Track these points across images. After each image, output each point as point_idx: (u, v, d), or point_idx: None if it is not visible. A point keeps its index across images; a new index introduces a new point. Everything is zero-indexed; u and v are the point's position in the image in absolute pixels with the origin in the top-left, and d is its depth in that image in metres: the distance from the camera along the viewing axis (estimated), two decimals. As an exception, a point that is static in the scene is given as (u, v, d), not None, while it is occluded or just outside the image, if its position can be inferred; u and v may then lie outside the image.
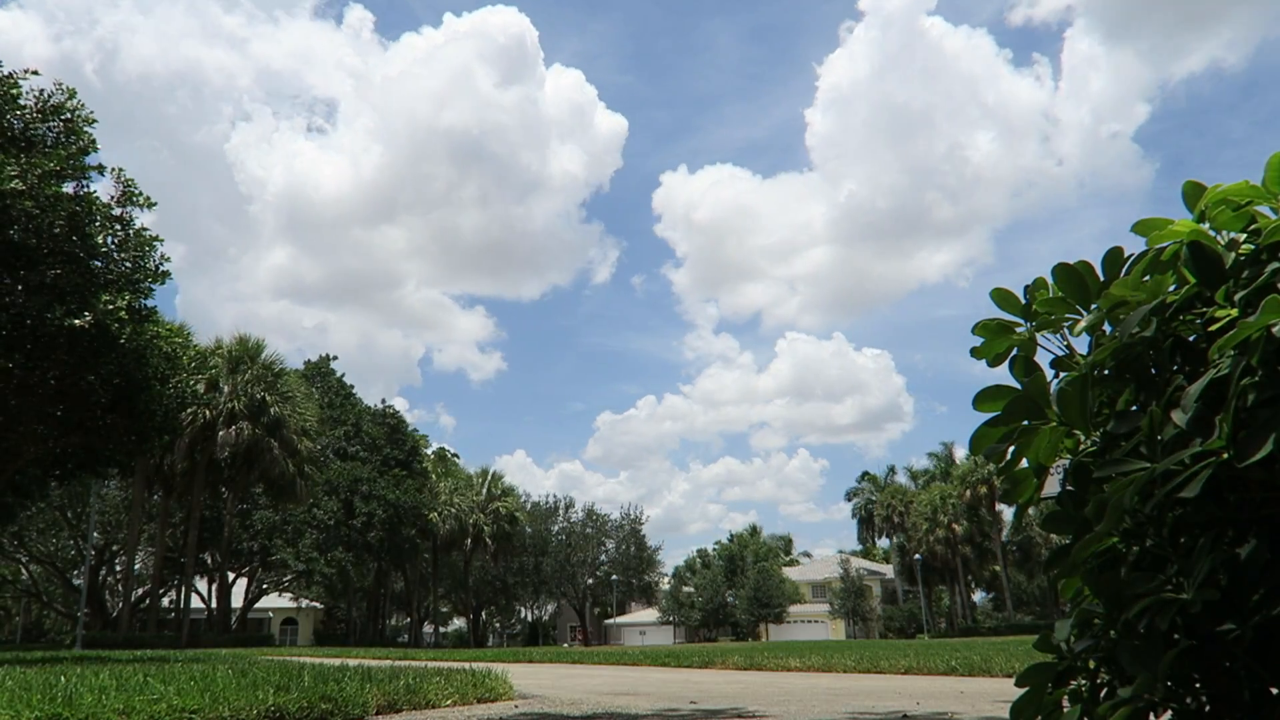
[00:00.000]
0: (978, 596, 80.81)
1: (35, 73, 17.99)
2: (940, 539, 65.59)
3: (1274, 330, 1.02)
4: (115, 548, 51.44)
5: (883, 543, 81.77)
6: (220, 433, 39.56)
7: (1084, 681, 1.28)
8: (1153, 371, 1.26)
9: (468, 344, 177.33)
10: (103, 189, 18.80)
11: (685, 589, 72.29)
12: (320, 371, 59.94)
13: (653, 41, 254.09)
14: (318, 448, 47.48)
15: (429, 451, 64.60)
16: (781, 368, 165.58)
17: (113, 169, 18.59)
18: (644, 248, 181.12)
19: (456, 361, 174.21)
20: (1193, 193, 1.31)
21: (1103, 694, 1.25)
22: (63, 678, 7.23)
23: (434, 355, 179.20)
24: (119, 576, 51.78)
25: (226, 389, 40.67)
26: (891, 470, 77.52)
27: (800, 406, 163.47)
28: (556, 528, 69.73)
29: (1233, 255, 1.20)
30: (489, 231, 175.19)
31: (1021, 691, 1.34)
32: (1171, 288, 1.26)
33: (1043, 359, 1.45)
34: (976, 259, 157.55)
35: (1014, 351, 1.47)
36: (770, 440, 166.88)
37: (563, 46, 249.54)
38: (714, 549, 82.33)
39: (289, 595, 61.09)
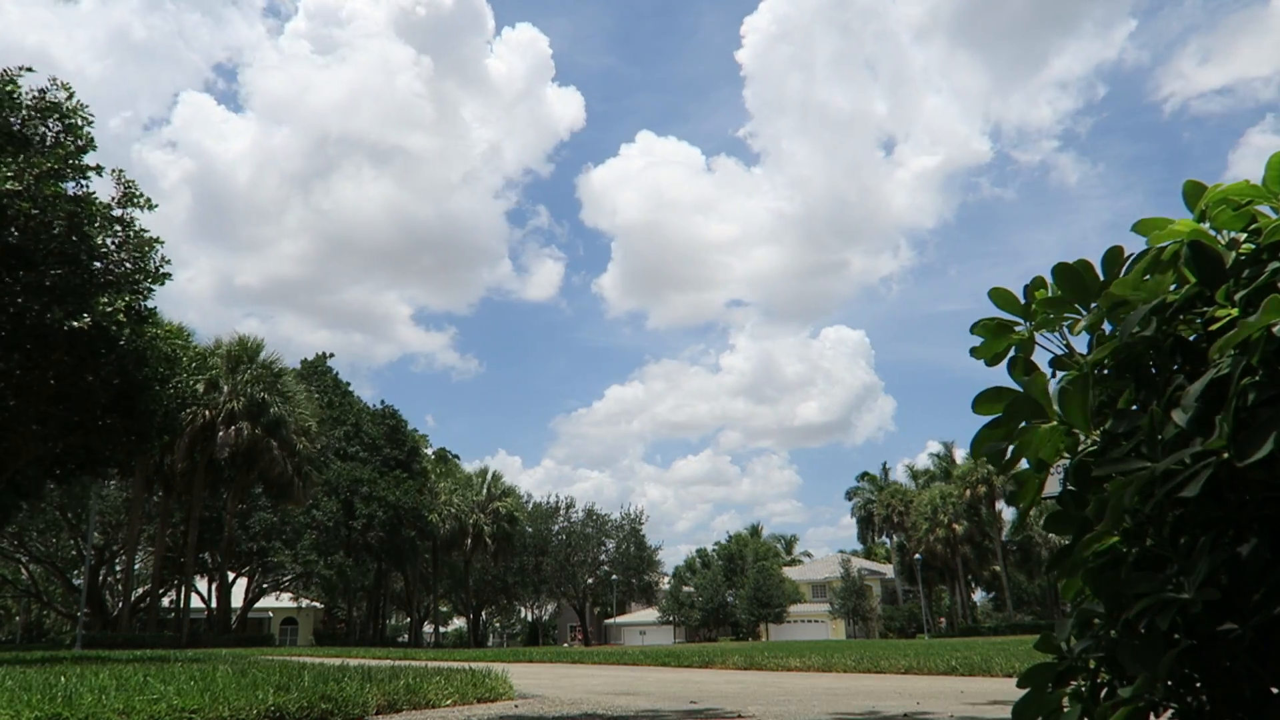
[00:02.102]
0: (978, 596, 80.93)
1: (30, 69, 17.85)
2: (940, 539, 65.60)
3: (1274, 330, 1.02)
4: (115, 548, 51.44)
5: (884, 542, 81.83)
6: (220, 433, 39.56)
7: (1085, 681, 1.28)
8: (1153, 371, 1.26)
9: (430, 346, 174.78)
10: (102, 189, 18.70)
11: (685, 589, 72.27)
12: (317, 370, 59.75)
13: (637, 24, 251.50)
14: (317, 448, 47.41)
15: (429, 451, 64.58)
16: (757, 367, 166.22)
17: (113, 170, 18.52)
18: (610, 241, 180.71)
19: (421, 363, 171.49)
20: (1193, 192, 1.31)
21: (1103, 694, 1.25)
22: (63, 678, 7.23)
23: (389, 356, 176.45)
24: (119, 576, 51.76)
25: (226, 389, 40.67)
26: (886, 469, 77.59)
27: (777, 407, 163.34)
28: (556, 527, 69.71)
29: (1233, 255, 1.19)
30: (432, 224, 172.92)
31: (1023, 692, 1.34)
32: (1172, 287, 1.25)
33: (1041, 359, 1.45)
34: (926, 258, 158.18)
35: (1013, 351, 1.46)
36: (750, 441, 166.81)
37: (548, 30, 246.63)
38: (714, 549, 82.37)
39: (289, 595, 61.09)
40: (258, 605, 60.70)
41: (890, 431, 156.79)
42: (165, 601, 50.63)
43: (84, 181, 17.76)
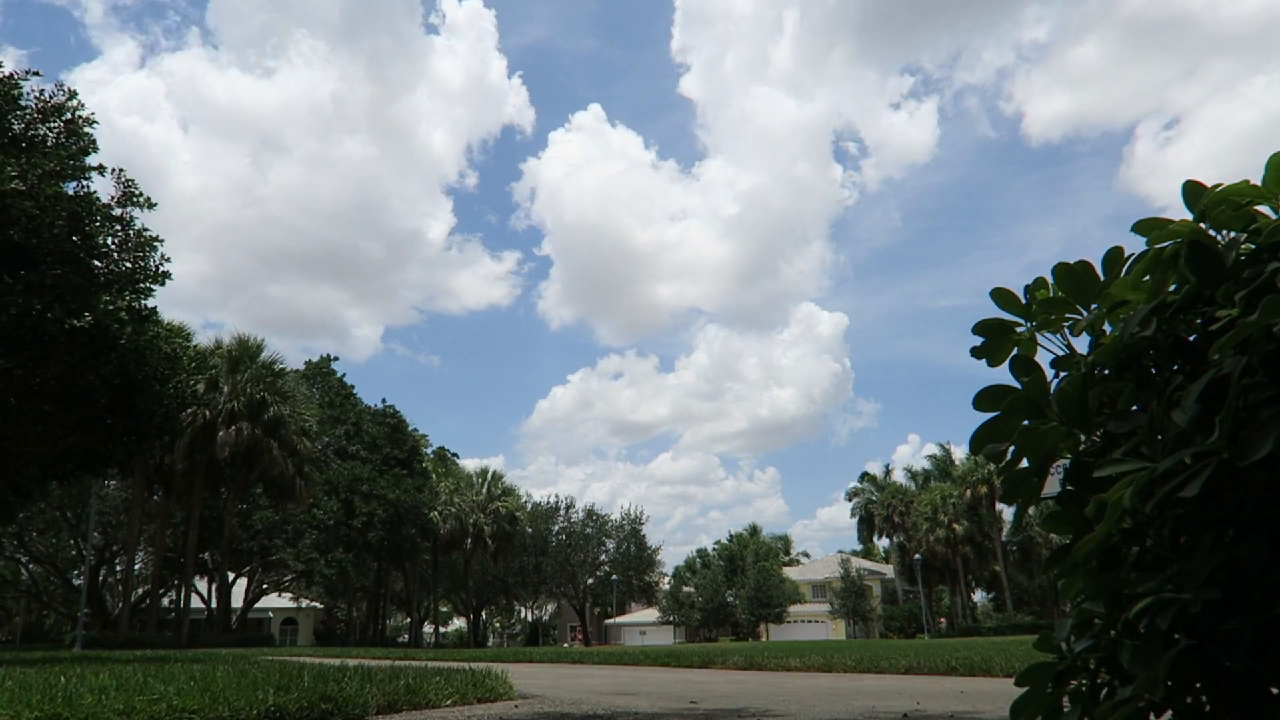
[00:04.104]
0: (978, 596, 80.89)
1: (37, 73, 18.06)
2: (940, 539, 65.59)
3: (1274, 330, 1.02)
4: (115, 548, 51.44)
5: (882, 542, 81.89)
6: (220, 433, 39.54)
7: (1084, 681, 1.28)
8: (1153, 371, 1.26)
9: (388, 349, 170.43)
10: (102, 189, 18.84)
11: (685, 589, 72.29)
12: (320, 371, 59.93)
13: (620, 6, 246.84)
14: (318, 448, 47.39)
15: (429, 451, 64.59)
16: (725, 368, 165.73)
17: (113, 169, 18.63)
18: (567, 238, 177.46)
19: (382, 366, 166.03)
20: (1193, 192, 1.31)
21: (1103, 694, 1.25)
22: (63, 678, 7.23)
23: (349, 361, 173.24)
24: (119, 576, 51.78)
25: (226, 389, 40.66)
26: (889, 470, 77.69)
27: (753, 405, 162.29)
28: (557, 528, 69.70)
29: (1233, 255, 1.19)
30: (374, 223, 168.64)
31: (1022, 691, 1.34)
32: (1172, 287, 1.25)
33: (1043, 359, 1.45)
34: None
35: (1014, 351, 1.46)
36: (731, 441, 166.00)
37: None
38: (714, 549, 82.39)
39: (289, 595, 61.10)
40: (258, 605, 60.70)
41: (870, 428, 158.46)
42: (165, 602, 50.66)
43: (85, 181, 17.87)
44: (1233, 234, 1.25)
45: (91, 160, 18.15)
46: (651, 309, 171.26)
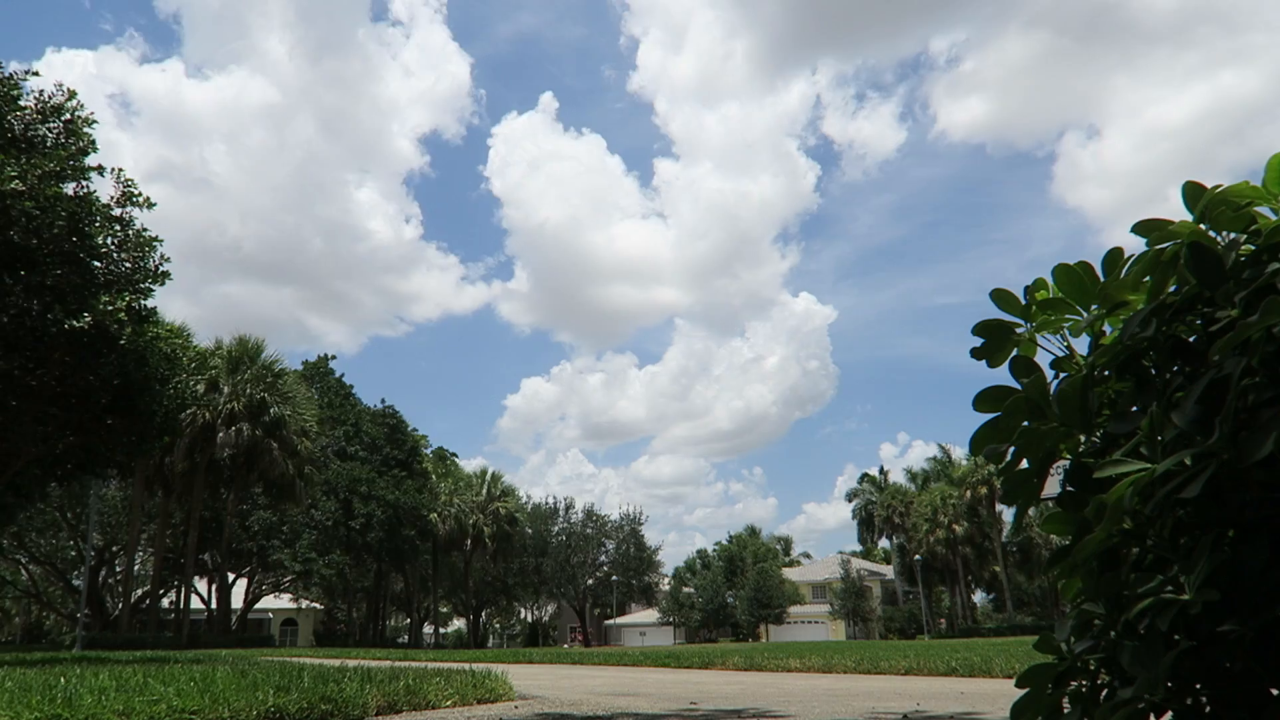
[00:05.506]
0: (978, 597, 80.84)
1: (36, 73, 18.08)
2: (940, 540, 65.57)
3: (1274, 331, 1.02)
4: (115, 548, 51.42)
5: (882, 543, 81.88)
6: (220, 434, 39.54)
7: (1084, 682, 1.28)
8: (1153, 372, 1.26)
9: (358, 351, 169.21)
10: (102, 189, 18.83)
11: (685, 590, 72.28)
12: (319, 372, 59.95)
13: None
14: (317, 448, 47.39)
15: (428, 451, 64.60)
16: (708, 366, 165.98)
17: (113, 169, 18.64)
18: (542, 239, 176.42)
19: (358, 368, 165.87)
20: (1193, 193, 1.31)
21: (1103, 695, 1.24)
22: (62, 678, 7.23)
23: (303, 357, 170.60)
24: (119, 577, 51.75)
25: (226, 389, 40.67)
26: (885, 471, 77.75)
27: (736, 404, 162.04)
28: (556, 528, 69.67)
29: (1233, 256, 1.19)
30: (337, 227, 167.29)
31: (1022, 692, 1.34)
32: (1172, 289, 1.25)
33: (1042, 360, 1.45)
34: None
35: (1014, 352, 1.46)
36: (716, 442, 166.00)
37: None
38: (714, 549, 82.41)
39: (289, 596, 61.07)
40: (258, 606, 60.69)
41: (858, 427, 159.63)
42: (165, 602, 50.64)
43: (85, 182, 17.87)
44: (1233, 235, 1.25)
45: (91, 160, 18.18)
46: (629, 310, 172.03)
